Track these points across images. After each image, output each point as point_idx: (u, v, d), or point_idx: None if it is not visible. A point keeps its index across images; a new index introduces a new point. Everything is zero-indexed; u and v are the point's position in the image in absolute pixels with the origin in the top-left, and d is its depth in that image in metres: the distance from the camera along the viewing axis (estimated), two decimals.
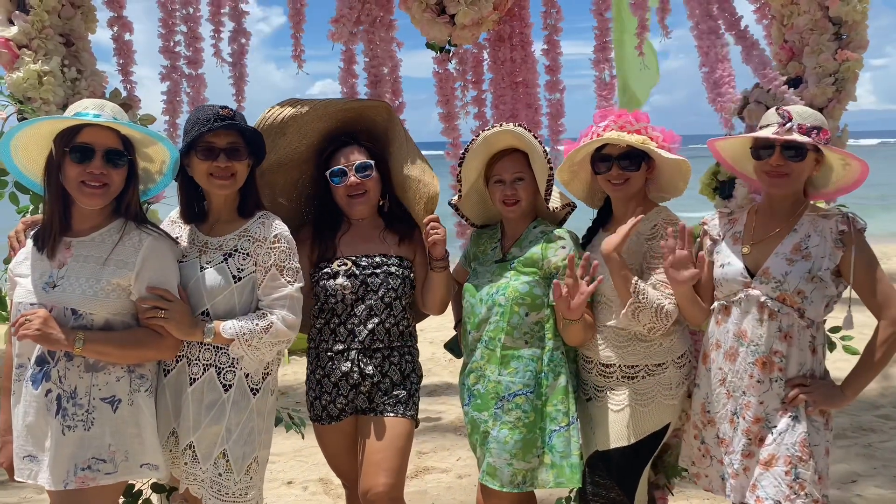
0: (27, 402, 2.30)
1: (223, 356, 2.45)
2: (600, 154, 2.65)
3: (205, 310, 2.44)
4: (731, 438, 2.54)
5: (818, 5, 3.05)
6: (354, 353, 2.79)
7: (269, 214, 2.57)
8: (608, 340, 2.68)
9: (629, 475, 2.66)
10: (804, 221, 2.51)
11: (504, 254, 2.81)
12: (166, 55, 3.17)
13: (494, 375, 2.69)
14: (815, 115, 2.51)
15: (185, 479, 2.52)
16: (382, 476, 2.72)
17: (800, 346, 2.47)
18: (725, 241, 2.64)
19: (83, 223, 2.38)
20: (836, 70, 3.01)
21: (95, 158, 2.29)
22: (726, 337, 2.56)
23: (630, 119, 2.59)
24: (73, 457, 2.26)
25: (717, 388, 2.59)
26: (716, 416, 2.59)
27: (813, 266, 2.44)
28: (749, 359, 2.49)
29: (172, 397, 2.49)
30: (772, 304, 2.46)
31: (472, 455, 4.79)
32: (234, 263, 2.47)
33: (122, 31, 3.11)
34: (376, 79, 3.22)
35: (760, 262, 2.51)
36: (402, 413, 2.82)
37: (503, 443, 2.66)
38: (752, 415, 2.48)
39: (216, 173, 2.45)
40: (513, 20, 3.35)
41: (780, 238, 2.51)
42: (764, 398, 2.48)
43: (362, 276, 2.81)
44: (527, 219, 2.82)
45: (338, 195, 2.89)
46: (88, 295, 2.28)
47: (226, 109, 2.44)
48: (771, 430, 2.45)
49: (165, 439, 2.49)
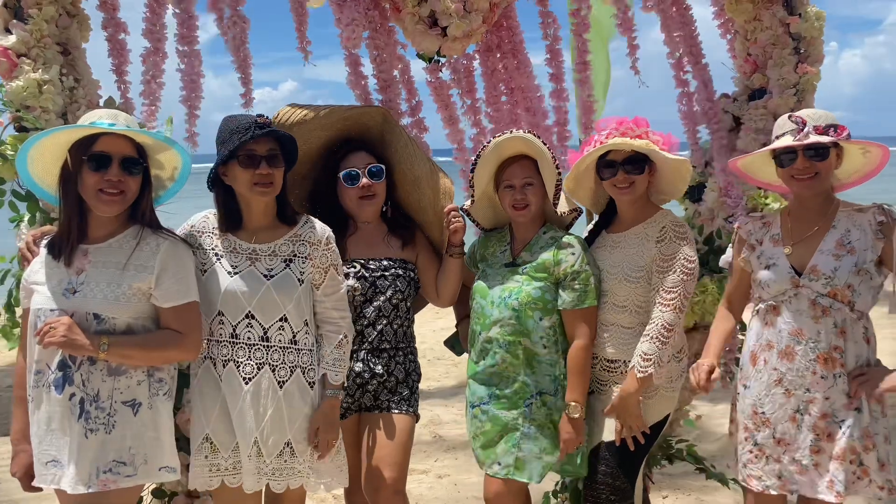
0: (51, 406, 2.31)
1: (274, 353, 2.55)
2: (605, 160, 2.78)
3: (283, 315, 2.54)
4: (795, 436, 2.56)
5: (779, 22, 3.32)
6: (364, 353, 2.89)
7: (310, 217, 2.67)
8: (613, 338, 2.82)
9: (632, 464, 2.80)
10: (840, 217, 2.58)
11: (514, 257, 2.90)
12: (149, 37, 3.13)
13: (521, 377, 2.78)
14: (826, 115, 2.59)
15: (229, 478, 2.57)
16: (387, 470, 2.82)
17: (854, 339, 2.53)
18: (765, 244, 2.69)
19: (99, 230, 2.40)
20: (797, 82, 3.29)
21: (112, 166, 2.33)
22: (780, 337, 2.59)
23: (631, 125, 2.73)
24: (96, 460, 2.29)
25: (772, 388, 2.60)
26: (771, 417, 2.60)
27: (858, 259, 2.50)
28: (810, 356, 2.53)
29: (209, 402, 2.56)
30: (823, 300, 2.51)
31: (449, 456, 4.99)
32: (297, 267, 2.58)
33: (115, 32, 3.13)
34: (385, 84, 3.29)
35: (806, 261, 2.56)
36: (405, 410, 2.93)
37: (535, 439, 2.77)
38: (817, 410, 2.51)
39: (259, 181, 2.51)
40: (500, 31, 3.49)
41: (820, 236, 2.57)
42: (829, 394, 2.51)
43: (371, 279, 2.90)
44: (536, 223, 2.91)
45: (348, 197, 2.96)
46: (111, 299, 2.32)
47: (262, 117, 2.51)
48: (839, 425, 2.49)
49: (199, 444, 2.55)
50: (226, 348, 2.55)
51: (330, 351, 2.64)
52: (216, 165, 2.57)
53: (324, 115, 2.95)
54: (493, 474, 2.85)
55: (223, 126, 2.58)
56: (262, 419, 2.53)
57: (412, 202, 3.11)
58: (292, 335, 2.57)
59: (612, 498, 2.79)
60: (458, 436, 5.29)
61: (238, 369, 2.54)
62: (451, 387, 6.51)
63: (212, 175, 2.59)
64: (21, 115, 2.78)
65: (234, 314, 2.55)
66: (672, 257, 2.73)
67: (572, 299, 2.78)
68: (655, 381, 2.72)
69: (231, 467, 2.59)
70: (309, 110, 2.95)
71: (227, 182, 2.58)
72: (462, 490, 4.46)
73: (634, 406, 2.72)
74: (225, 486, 2.59)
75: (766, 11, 3.32)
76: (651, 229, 2.80)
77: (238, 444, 2.55)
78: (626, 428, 2.75)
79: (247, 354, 2.54)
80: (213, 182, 2.60)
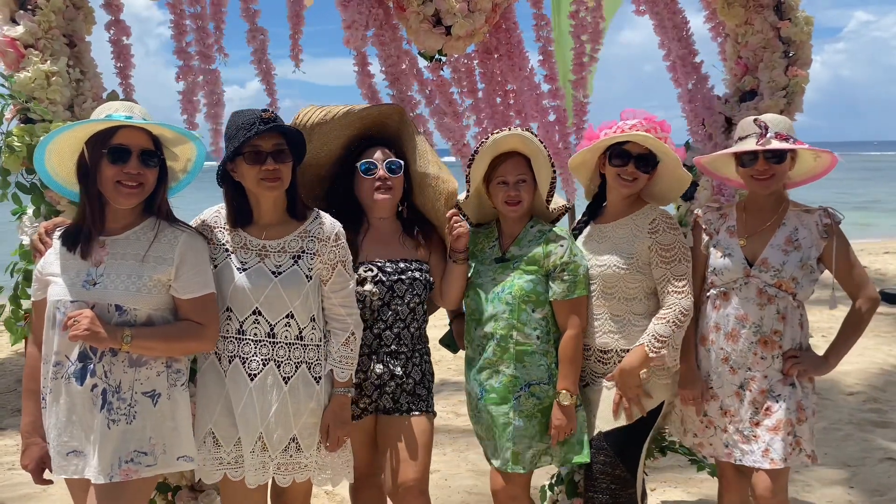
0: (71, 398, 2.31)
1: (280, 350, 2.55)
2: (620, 149, 2.86)
3: (289, 312, 2.55)
4: (738, 409, 2.86)
5: (770, 26, 3.43)
6: (383, 355, 2.89)
7: (321, 213, 2.67)
8: (603, 327, 2.90)
9: (632, 452, 2.88)
10: (790, 216, 2.87)
11: (503, 252, 2.96)
12: (180, 56, 3.18)
13: (510, 370, 2.84)
14: (785, 121, 2.87)
15: (231, 471, 2.58)
16: (412, 472, 2.84)
17: (792, 325, 2.85)
18: (721, 234, 2.95)
19: (116, 222, 2.40)
20: (787, 84, 3.40)
21: (132, 159, 2.33)
22: (727, 320, 2.87)
23: (657, 125, 2.84)
24: (117, 450, 2.30)
25: (719, 366, 2.89)
26: (719, 391, 2.90)
27: (804, 255, 2.81)
28: (752, 339, 2.83)
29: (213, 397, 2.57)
30: (770, 289, 2.81)
31: (437, 451, 5.01)
32: (305, 264, 2.58)
33: (119, 34, 3.12)
34: (394, 78, 3.32)
35: (758, 253, 2.84)
36: (424, 410, 2.95)
37: (524, 429, 2.84)
38: (757, 387, 2.83)
39: (266, 177, 2.51)
40: (499, 32, 3.55)
41: (772, 231, 2.86)
42: (767, 372, 2.83)
43: (389, 283, 2.89)
44: (523, 218, 2.98)
45: (364, 188, 2.95)
46: (132, 291, 2.32)
47: (267, 112, 2.50)
48: (776, 400, 2.80)
49: (203, 438, 2.56)
50: (232, 344, 2.56)
51: (337, 348, 2.65)
52: (223, 162, 2.57)
53: (342, 115, 2.95)
54: (497, 468, 2.92)
55: (230, 122, 2.58)
56: (267, 415, 2.54)
57: (418, 204, 3.12)
58: (298, 331, 2.58)
59: (612, 487, 2.85)
60: (445, 432, 5.32)
61: (244, 365, 2.55)
62: (438, 383, 6.54)
63: (220, 172, 2.59)
64: (27, 107, 2.76)
65: (242, 310, 2.55)
66: (672, 246, 2.86)
67: (562, 290, 2.85)
68: (669, 363, 2.84)
69: (234, 461, 2.60)
70: (327, 111, 2.95)
71: (236, 178, 2.58)
72: (453, 484, 4.50)
73: (635, 378, 2.83)
74: (228, 478, 2.60)
75: (757, 15, 3.43)
76: (641, 220, 2.91)
77: (240, 439, 2.57)
78: (625, 398, 2.84)
79: (253, 350, 2.55)
80: (222, 178, 2.60)
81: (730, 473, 3.03)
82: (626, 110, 2.91)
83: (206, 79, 3.28)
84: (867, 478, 4.41)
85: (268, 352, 2.55)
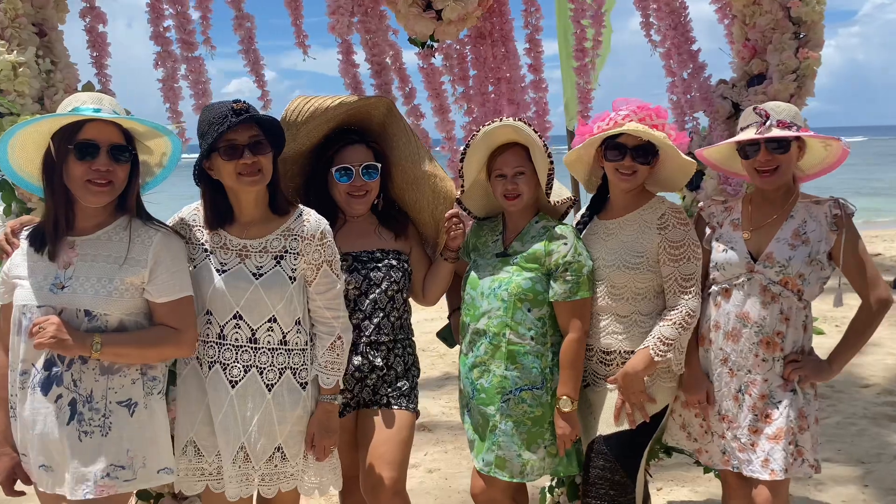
0: (34, 409, 2.18)
1: (262, 356, 2.42)
2: (615, 142, 2.70)
3: (271, 316, 2.41)
4: (736, 415, 2.68)
5: (779, 6, 3.25)
6: (363, 347, 2.78)
7: (305, 209, 2.52)
8: (608, 327, 2.76)
9: (632, 457, 2.74)
10: (798, 208, 2.66)
11: (505, 247, 2.83)
12: (157, 41, 3.04)
13: (500, 370, 2.71)
14: (789, 108, 2.66)
15: (213, 482, 2.47)
16: (386, 469, 2.72)
17: (795, 326, 2.65)
18: (725, 227, 2.77)
19: (86, 221, 2.27)
20: (798, 67, 3.22)
21: (100, 155, 2.20)
22: (727, 319, 2.68)
23: (651, 113, 2.66)
24: (92, 464, 2.17)
25: (718, 367, 2.71)
26: (717, 394, 2.71)
27: (812, 250, 2.60)
28: (753, 339, 2.63)
29: (193, 404, 2.45)
30: (774, 287, 2.61)
31: (438, 449, 4.91)
32: (288, 264, 2.43)
33: (95, 21, 2.98)
34: (380, 67, 3.19)
35: (762, 247, 2.65)
36: (404, 406, 2.83)
37: (511, 436, 2.71)
38: (757, 392, 2.64)
39: (244, 171, 2.36)
40: (493, 16, 3.40)
41: (778, 224, 2.66)
42: (768, 376, 2.64)
43: (364, 271, 2.80)
44: (528, 213, 2.83)
45: (338, 191, 2.85)
46: (102, 295, 2.19)
47: (239, 103, 2.35)
48: (776, 406, 2.61)
49: (183, 447, 2.44)
50: (212, 349, 2.44)
51: (322, 353, 2.50)
52: (199, 160, 2.42)
53: (334, 107, 2.81)
54: (479, 469, 2.81)
55: (201, 117, 2.44)
56: (249, 424, 2.42)
57: (408, 200, 3.02)
58: (282, 336, 2.45)
59: (611, 493, 2.72)
60: (446, 429, 5.22)
61: (224, 372, 2.42)
62: (437, 378, 6.42)
63: (196, 170, 2.44)
64: None
65: (223, 314, 2.42)
66: (681, 244, 2.69)
67: (564, 291, 2.70)
68: (675, 367, 2.70)
69: (215, 472, 2.49)
70: (320, 102, 2.81)
71: (214, 176, 2.43)
72: (453, 484, 4.39)
73: (639, 383, 2.68)
74: (210, 490, 2.50)
75: None
76: (649, 215, 2.75)
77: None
78: (628, 403, 2.70)
79: (234, 356, 2.42)
80: (199, 177, 2.45)
81: (732, 479, 2.85)
82: (617, 100, 2.75)
83: (189, 67, 3.13)
84: (882, 476, 4.26)
85: (249, 358, 2.42)
